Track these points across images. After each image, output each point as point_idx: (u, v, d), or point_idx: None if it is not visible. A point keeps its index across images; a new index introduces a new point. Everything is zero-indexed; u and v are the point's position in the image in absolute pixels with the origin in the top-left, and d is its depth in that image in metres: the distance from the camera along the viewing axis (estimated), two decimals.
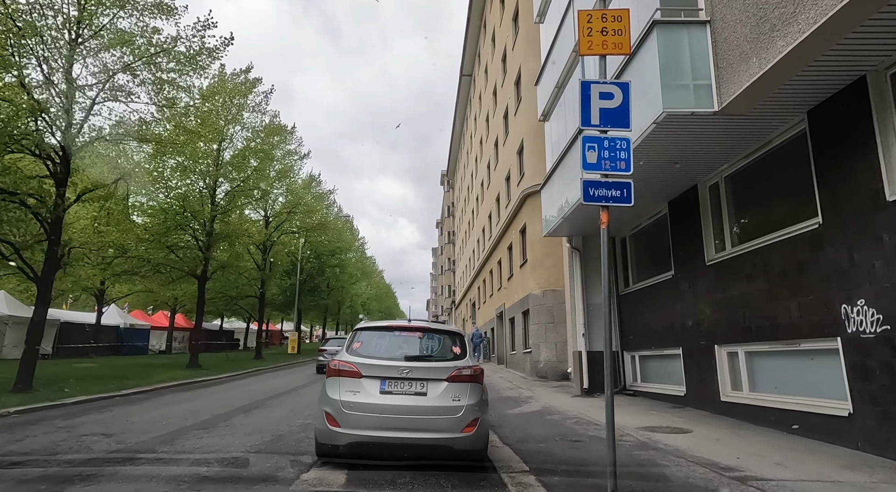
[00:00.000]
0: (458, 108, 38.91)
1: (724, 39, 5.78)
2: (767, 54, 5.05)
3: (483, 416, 4.73)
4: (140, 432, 6.57)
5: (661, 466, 4.81)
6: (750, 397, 7.13)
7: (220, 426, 7.06)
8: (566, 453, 5.48)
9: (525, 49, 17.79)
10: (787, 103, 5.84)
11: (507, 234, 21.03)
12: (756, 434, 6.20)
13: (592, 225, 10.62)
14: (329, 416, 4.61)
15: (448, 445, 4.56)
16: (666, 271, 9.49)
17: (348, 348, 5.02)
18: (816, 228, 5.80)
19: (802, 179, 6.11)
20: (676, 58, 6.09)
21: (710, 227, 8.09)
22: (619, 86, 3.83)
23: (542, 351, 15.56)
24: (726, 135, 6.61)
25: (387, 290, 72.27)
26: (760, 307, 6.77)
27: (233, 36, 13.69)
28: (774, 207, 6.93)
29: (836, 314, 5.47)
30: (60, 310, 30.26)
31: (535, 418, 7.98)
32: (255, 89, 20.44)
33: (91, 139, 12.47)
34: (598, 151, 3.75)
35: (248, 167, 20.09)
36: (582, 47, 3.94)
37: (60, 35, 11.72)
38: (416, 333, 5.17)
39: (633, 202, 3.75)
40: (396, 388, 4.65)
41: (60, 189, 11.68)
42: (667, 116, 6.01)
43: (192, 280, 20.53)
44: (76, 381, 12.77)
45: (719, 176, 7.84)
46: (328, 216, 32.03)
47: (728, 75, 5.72)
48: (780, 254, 6.42)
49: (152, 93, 12.97)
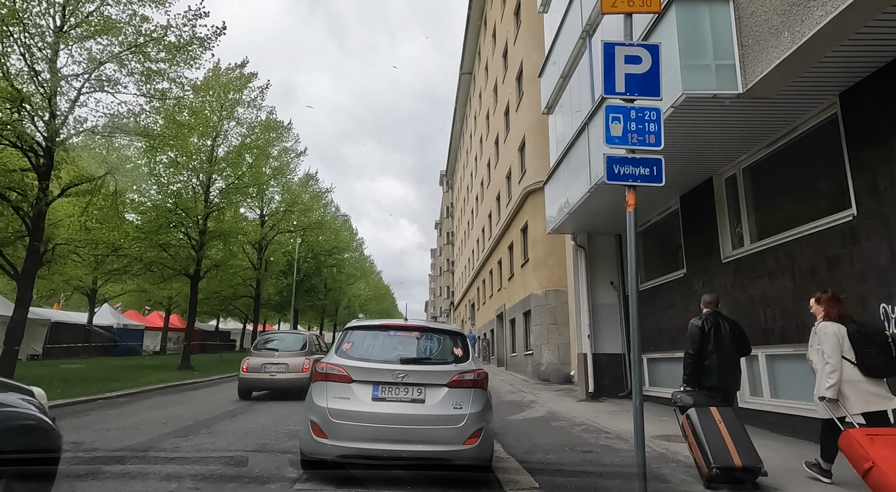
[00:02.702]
0: (457, 107, 38.47)
1: (751, 14, 5.30)
2: (802, 27, 4.57)
3: (488, 426, 4.23)
4: (113, 440, 6.06)
5: (688, 482, 4.32)
6: (771, 403, 6.65)
7: (201, 433, 6.55)
8: (578, 466, 4.99)
9: (527, 42, 17.35)
10: (819, 85, 5.37)
11: (508, 233, 20.55)
12: (782, 445, 5.71)
13: (599, 221, 10.15)
14: (315, 425, 4.11)
15: (449, 458, 4.06)
16: (677, 270, 9.02)
17: (337, 350, 4.52)
18: (850, 220, 5.32)
19: (832, 168, 5.64)
20: (697, 36, 5.61)
21: (727, 222, 7.61)
22: (647, 48, 3.34)
23: (545, 353, 15.06)
24: (748, 121, 6.14)
25: (385, 291, 71.65)
26: (784, 307, 6.29)
27: (225, 25, 13.21)
28: (800, 199, 6.45)
29: (874, 314, 4.98)
30: (52, 310, 29.73)
31: (540, 424, 7.49)
32: (251, 84, 19.95)
33: (77, 131, 12.00)
34: (623, 123, 3.25)
35: (244, 164, 19.59)
36: (605, 4, 3.45)
37: (45, 22, 11.25)
38: (414, 333, 4.65)
39: (663, 181, 3.26)
40: (391, 394, 4.16)
41: (43, 183, 11.18)
42: (686, 99, 5.53)
43: (185, 279, 20.00)
44: (60, 383, 12.22)
45: (737, 167, 7.37)
46: (325, 215, 31.49)
47: (755, 54, 5.25)
48: (807, 249, 5.94)
49: (141, 83, 12.49)
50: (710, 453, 4.08)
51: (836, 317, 4.24)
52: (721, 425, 4.25)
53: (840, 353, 4.04)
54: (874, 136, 5.07)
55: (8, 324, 11.01)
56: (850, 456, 3.70)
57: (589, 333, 10.90)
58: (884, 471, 3.37)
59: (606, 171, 3.37)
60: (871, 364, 3.95)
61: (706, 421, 4.29)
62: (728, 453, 4.04)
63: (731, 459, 3.99)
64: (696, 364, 4.94)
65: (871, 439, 3.58)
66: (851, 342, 4.06)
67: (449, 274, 56.88)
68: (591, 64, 8.60)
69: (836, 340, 4.08)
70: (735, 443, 4.08)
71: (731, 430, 4.19)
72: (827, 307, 4.31)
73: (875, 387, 3.95)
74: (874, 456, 3.48)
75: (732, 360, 5.01)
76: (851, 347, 4.05)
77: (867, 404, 3.92)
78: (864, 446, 3.56)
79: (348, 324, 4.87)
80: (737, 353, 5.06)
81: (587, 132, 8.21)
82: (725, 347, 4.97)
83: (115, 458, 5.11)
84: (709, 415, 4.35)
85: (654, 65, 3.31)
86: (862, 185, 5.21)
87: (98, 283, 25.19)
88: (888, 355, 3.94)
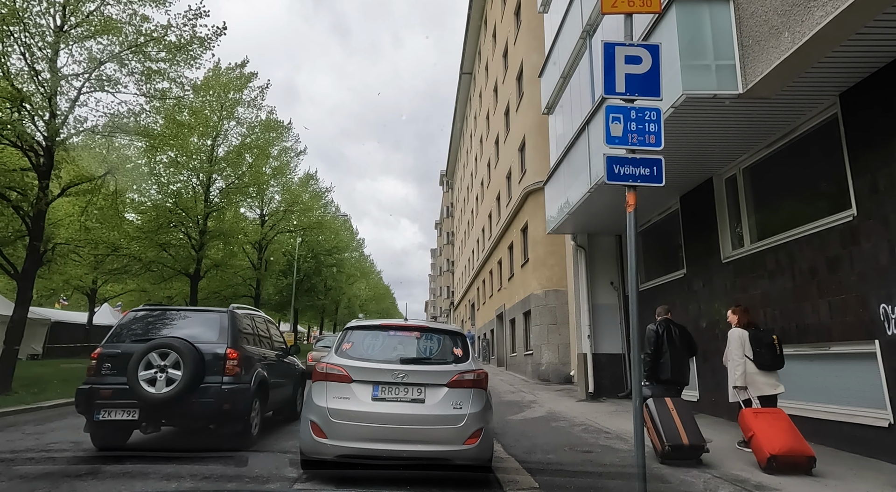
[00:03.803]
0: (457, 107, 38.45)
1: (751, 14, 5.30)
2: (802, 27, 4.57)
3: (488, 426, 4.23)
4: None
5: (688, 483, 4.32)
6: None
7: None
8: (578, 466, 4.98)
9: (527, 43, 17.34)
10: (819, 85, 5.37)
11: (508, 233, 20.55)
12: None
13: (599, 221, 10.15)
14: (315, 425, 4.11)
15: (448, 458, 4.06)
16: (677, 270, 9.02)
17: (337, 350, 4.51)
18: (850, 220, 5.33)
19: (833, 168, 5.64)
20: (697, 36, 5.61)
21: (727, 222, 7.61)
22: (647, 48, 3.34)
23: (545, 353, 15.06)
24: (748, 122, 6.14)
25: (385, 291, 71.61)
26: (784, 307, 6.29)
27: (225, 25, 13.18)
28: (800, 199, 6.44)
29: (873, 315, 4.99)
30: (52, 309, 29.71)
31: (540, 424, 7.49)
32: (251, 84, 19.94)
33: (77, 131, 11.98)
34: (623, 123, 3.25)
35: (244, 163, 19.57)
36: (605, 4, 3.45)
37: (45, 22, 11.24)
38: (414, 333, 4.64)
39: (663, 181, 3.26)
40: (391, 394, 4.16)
41: (43, 182, 11.15)
42: (686, 99, 5.53)
43: (185, 279, 19.99)
44: (59, 382, 12.24)
45: (737, 168, 7.37)
46: (325, 215, 31.46)
47: (755, 54, 5.25)
48: (807, 250, 5.94)
49: (141, 83, 12.47)
50: (664, 434, 4.92)
51: (743, 325, 5.47)
52: (673, 412, 5.07)
53: (742, 352, 5.30)
54: (874, 136, 5.07)
55: (8, 323, 11.00)
56: (742, 427, 5.05)
57: (589, 333, 10.89)
58: (758, 438, 4.71)
59: (606, 171, 3.37)
60: (762, 361, 5.23)
61: (661, 409, 5.11)
62: (678, 434, 4.90)
63: (681, 438, 4.87)
64: (653, 362, 5.93)
65: (756, 415, 4.88)
66: (751, 344, 5.29)
67: (449, 274, 56.86)
68: (592, 64, 8.60)
69: (739, 342, 5.34)
70: (684, 426, 4.96)
71: (682, 416, 5.03)
72: (738, 317, 5.54)
73: (767, 378, 5.23)
74: (754, 428, 4.79)
75: (682, 358, 6.00)
76: (751, 348, 5.28)
77: (759, 391, 5.22)
78: (749, 421, 4.87)
79: (348, 324, 4.86)
80: (686, 353, 6.08)
81: (587, 132, 8.21)
82: (676, 348, 5.97)
83: (115, 457, 5.10)
84: (664, 404, 5.17)
85: (655, 65, 3.30)
86: (862, 185, 5.21)
87: (98, 282, 25.16)
88: (774, 354, 5.22)
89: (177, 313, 6.18)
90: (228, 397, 5.29)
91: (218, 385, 5.31)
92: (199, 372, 5.22)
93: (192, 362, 5.16)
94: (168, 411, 5.17)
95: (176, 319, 6.05)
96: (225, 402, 5.26)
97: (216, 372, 5.36)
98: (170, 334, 5.60)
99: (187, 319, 6.04)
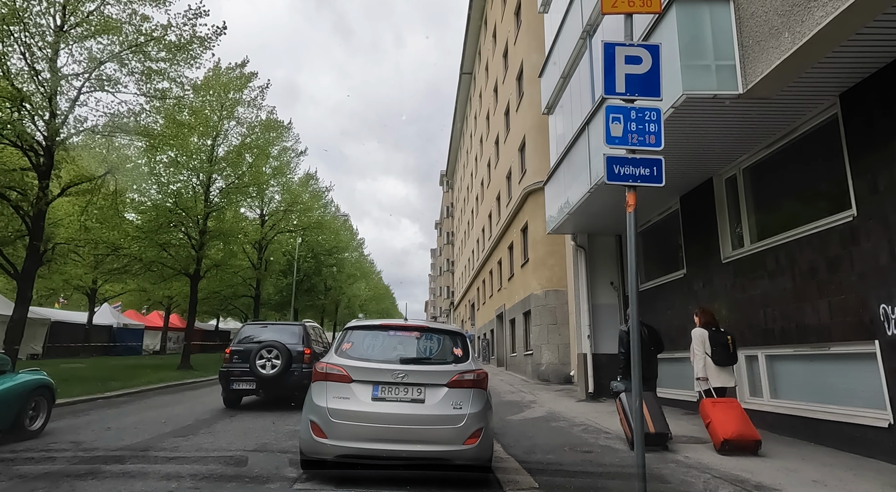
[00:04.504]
0: (457, 107, 38.46)
1: (751, 14, 5.30)
2: (802, 27, 4.57)
3: (487, 426, 4.23)
4: (113, 439, 6.07)
5: (688, 483, 4.31)
6: (771, 404, 6.64)
7: (200, 433, 6.55)
8: (578, 466, 4.99)
9: (527, 43, 17.34)
10: (819, 85, 5.37)
11: (508, 233, 20.55)
12: (782, 446, 5.71)
13: (599, 221, 10.15)
14: (315, 425, 4.11)
15: (448, 458, 4.06)
16: (677, 270, 9.02)
17: (337, 350, 4.51)
18: (850, 220, 5.32)
19: (833, 168, 5.64)
20: (697, 36, 5.61)
21: (727, 222, 7.61)
22: (647, 49, 3.34)
23: (545, 353, 15.06)
24: (748, 122, 6.13)
25: (385, 291, 71.54)
26: (784, 308, 6.28)
27: (225, 25, 13.20)
28: (800, 199, 6.44)
29: (873, 315, 4.99)
30: (52, 309, 29.71)
31: (539, 424, 7.49)
32: (251, 84, 19.93)
33: (77, 130, 11.99)
34: (623, 123, 3.24)
35: (244, 163, 19.56)
36: (605, 4, 3.45)
37: (45, 21, 11.24)
38: (413, 333, 4.64)
39: (663, 182, 3.26)
40: (391, 394, 4.16)
41: (43, 182, 11.17)
42: (686, 100, 5.53)
43: (185, 279, 19.98)
44: (60, 382, 12.18)
45: (737, 168, 7.36)
46: (325, 215, 31.43)
47: (755, 54, 5.24)
48: (807, 250, 5.94)
49: (141, 83, 12.48)
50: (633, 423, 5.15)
51: (704, 324, 6.04)
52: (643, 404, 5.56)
53: (703, 349, 5.91)
54: (874, 137, 5.07)
55: (8, 323, 11.01)
56: (702, 415, 5.74)
57: (589, 333, 10.89)
58: (714, 424, 5.46)
59: (607, 171, 3.36)
60: (718, 358, 5.83)
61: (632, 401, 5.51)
62: (646, 423, 5.39)
63: (648, 427, 5.44)
64: (626, 360, 6.32)
65: (713, 404, 5.59)
66: (710, 342, 5.88)
67: (449, 274, 56.87)
68: (592, 64, 8.60)
69: (700, 339, 5.95)
70: (651, 417, 5.57)
71: (650, 407, 5.60)
72: (699, 318, 6.14)
73: (722, 373, 5.86)
74: (712, 416, 5.50)
75: (648, 355, 6.48)
76: (710, 346, 5.87)
77: (716, 383, 5.83)
78: (707, 410, 5.60)
79: (348, 324, 4.86)
80: (653, 350, 6.67)
81: (587, 132, 8.21)
82: (646, 345, 6.40)
83: (115, 457, 5.11)
84: None
85: (655, 65, 3.30)
86: (862, 185, 5.20)
87: (98, 282, 25.19)
88: (728, 352, 5.84)
89: (273, 325, 9.88)
90: (306, 377, 8.09)
91: (300, 370, 8.83)
92: (289, 362, 8.78)
93: (286, 356, 8.76)
94: (272, 384, 8.77)
95: (273, 329, 9.60)
96: (304, 379, 8.16)
97: (298, 361, 8.92)
98: (271, 339, 9.04)
99: (279, 329, 9.61)
